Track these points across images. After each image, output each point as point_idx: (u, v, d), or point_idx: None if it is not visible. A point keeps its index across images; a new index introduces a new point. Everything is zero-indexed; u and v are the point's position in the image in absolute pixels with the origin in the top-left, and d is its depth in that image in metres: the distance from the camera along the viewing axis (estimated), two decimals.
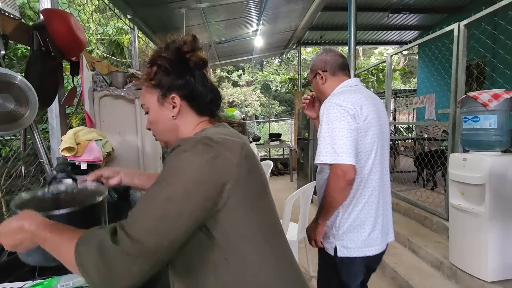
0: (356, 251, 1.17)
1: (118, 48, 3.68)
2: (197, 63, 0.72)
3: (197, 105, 0.74)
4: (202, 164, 0.59)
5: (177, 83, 0.71)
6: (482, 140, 1.95)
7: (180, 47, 0.71)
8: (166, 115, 0.73)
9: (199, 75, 0.73)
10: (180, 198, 0.57)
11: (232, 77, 18.13)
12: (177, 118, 0.73)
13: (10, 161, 1.57)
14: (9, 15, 1.26)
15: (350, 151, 1.12)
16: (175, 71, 0.71)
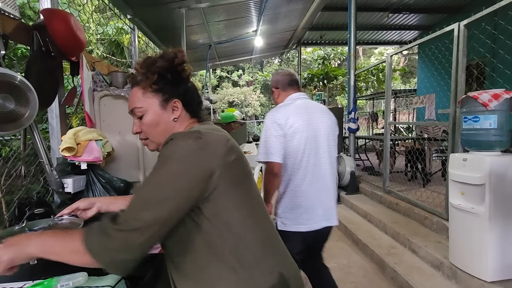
0: (290, 227, 1.52)
1: (118, 48, 3.68)
2: (188, 74, 0.84)
3: (191, 109, 0.85)
4: (192, 151, 0.68)
5: (178, 90, 0.82)
6: (482, 140, 1.95)
7: (174, 59, 0.80)
8: (167, 117, 0.82)
9: (191, 84, 0.86)
10: (171, 179, 0.66)
11: (232, 77, 18.14)
12: (177, 122, 0.83)
13: (10, 161, 1.57)
14: (9, 15, 1.26)
15: (277, 151, 1.51)
16: (175, 79, 0.81)
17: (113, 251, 0.62)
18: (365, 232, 3.23)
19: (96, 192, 1.49)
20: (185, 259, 0.72)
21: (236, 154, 0.75)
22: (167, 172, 0.66)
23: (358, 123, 4.94)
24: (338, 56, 12.23)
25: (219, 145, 0.72)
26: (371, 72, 9.93)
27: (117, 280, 0.89)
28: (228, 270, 0.69)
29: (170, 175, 0.66)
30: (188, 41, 4.90)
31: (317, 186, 1.56)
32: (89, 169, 1.49)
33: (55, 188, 1.40)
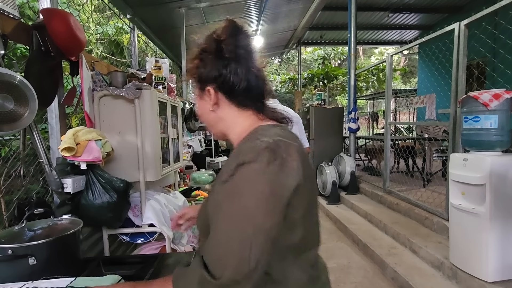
0: None
1: (117, 48, 3.68)
2: (233, 52, 0.66)
3: (234, 98, 0.69)
4: (271, 175, 0.54)
5: (211, 75, 0.68)
6: (482, 140, 1.95)
7: (215, 36, 0.67)
8: (206, 108, 0.71)
9: (234, 65, 0.66)
10: (254, 216, 0.53)
11: None
12: (216, 111, 0.71)
13: (9, 161, 1.56)
14: (8, 14, 1.26)
15: None
16: (209, 63, 0.68)
17: None
18: (365, 232, 3.23)
19: (96, 192, 1.49)
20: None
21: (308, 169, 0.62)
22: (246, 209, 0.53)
23: (358, 123, 4.94)
24: (338, 56, 12.22)
25: (295, 161, 0.58)
26: (372, 72, 9.92)
27: (117, 280, 0.88)
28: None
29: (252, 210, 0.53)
30: (188, 41, 4.89)
31: None
32: (88, 169, 1.49)
33: (54, 188, 1.40)
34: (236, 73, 0.66)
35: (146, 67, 2.20)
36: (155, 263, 1.25)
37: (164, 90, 2.08)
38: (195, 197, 2.66)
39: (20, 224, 1.10)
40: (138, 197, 1.77)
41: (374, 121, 9.72)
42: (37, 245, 0.95)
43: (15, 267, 0.94)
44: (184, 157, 2.83)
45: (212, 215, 0.58)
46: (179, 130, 2.37)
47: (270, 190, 0.53)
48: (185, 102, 3.94)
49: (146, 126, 1.73)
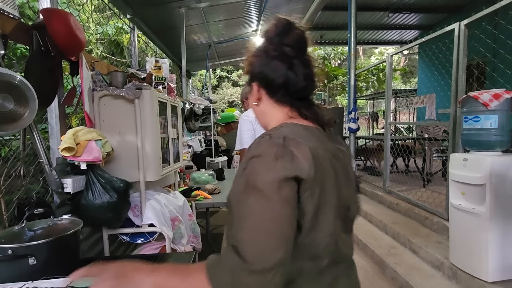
0: None
1: (117, 48, 3.67)
2: (277, 50, 0.69)
3: (273, 94, 0.72)
4: (276, 166, 0.56)
5: (256, 72, 0.73)
6: (482, 140, 1.95)
7: (264, 35, 0.72)
8: (251, 102, 0.77)
9: (276, 62, 0.68)
10: (261, 207, 0.54)
11: (232, 77, 18.12)
12: (260, 105, 0.75)
13: (9, 161, 1.56)
14: (8, 14, 1.26)
15: (249, 141, 1.98)
16: (256, 60, 0.73)
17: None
18: (365, 232, 3.22)
19: (96, 192, 1.49)
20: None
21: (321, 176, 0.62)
22: (261, 197, 0.56)
23: (358, 123, 4.94)
24: (338, 56, 12.23)
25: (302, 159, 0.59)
26: (372, 72, 9.92)
27: None
28: None
29: (267, 198, 0.55)
30: (188, 41, 4.89)
31: None
32: (88, 169, 1.49)
33: (54, 188, 1.40)
34: (275, 70, 0.69)
35: (146, 67, 2.20)
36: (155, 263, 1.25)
37: (164, 90, 2.08)
38: (195, 197, 2.66)
39: (20, 224, 1.10)
40: (138, 197, 1.77)
41: (374, 121, 9.73)
42: (37, 245, 0.95)
43: (15, 267, 0.94)
44: (184, 157, 2.83)
45: (234, 204, 0.59)
46: (179, 130, 2.37)
47: (278, 180, 0.54)
48: (185, 102, 3.94)
49: (146, 126, 1.73)
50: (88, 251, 1.71)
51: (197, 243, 2.20)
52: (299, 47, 0.70)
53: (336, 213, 0.63)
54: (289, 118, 0.71)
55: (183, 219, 2.10)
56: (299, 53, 0.70)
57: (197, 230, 2.27)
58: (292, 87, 0.69)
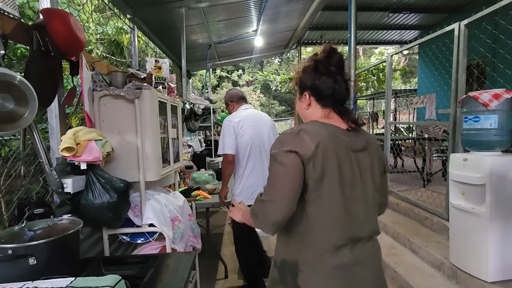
0: (246, 202, 1.71)
1: (117, 48, 3.67)
2: (325, 68, 0.97)
3: (321, 101, 0.99)
4: (291, 145, 0.88)
5: (308, 84, 0.99)
6: (482, 140, 1.95)
7: (315, 57, 1.00)
8: (302, 106, 1.03)
9: (325, 78, 0.97)
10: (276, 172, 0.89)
11: (232, 77, 18.12)
12: (308, 109, 1.02)
13: (9, 161, 1.56)
14: (8, 14, 1.26)
15: (230, 146, 2.20)
16: (308, 75, 0.99)
17: (261, 216, 0.91)
18: None
19: (96, 192, 1.49)
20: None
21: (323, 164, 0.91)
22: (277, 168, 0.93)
23: None
24: None
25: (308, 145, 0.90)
26: (372, 72, 9.91)
27: (117, 280, 0.88)
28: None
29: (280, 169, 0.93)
30: (188, 41, 4.89)
31: (263, 170, 2.22)
32: (88, 169, 1.49)
33: (54, 188, 1.40)
34: (325, 84, 0.96)
35: (146, 67, 2.20)
36: (155, 263, 1.25)
37: (164, 90, 2.08)
38: (195, 197, 2.66)
39: (20, 224, 1.10)
40: (138, 197, 1.77)
41: (374, 121, 9.73)
42: (37, 245, 0.95)
43: (15, 267, 0.94)
44: (184, 157, 2.84)
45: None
46: (179, 130, 2.37)
47: (284, 151, 0.88)
48: (185, 102, 3.94)
49: (146, 126, 1.73)
50: (88, 251, 1.71)
51: (197, 243, 2.20)
52: (340, 66, 0.98)
53: (338, 187, 0.88)
54: (325, 117, 0.97)
55: (183, 219, 2.10)
56: (340, 71, 0.98)
57: (197, 230, 2.27)
58: (337, 95, 0.98)
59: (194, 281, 1.66)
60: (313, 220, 0.89)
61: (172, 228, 1.85)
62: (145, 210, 1.76)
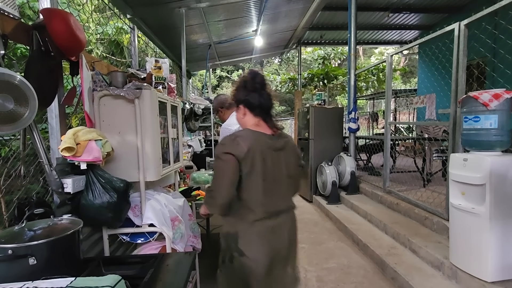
0: None
1: (117, 48, 3.67)
2: (252, 87, 1.31)
3: (252, 110, 1.32)
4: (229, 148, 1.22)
5: (242, 99, 1.32)
6: (482, 140, 1.95)
7: (243, 78, 1.35)
8: (239, 116, 1.36)
9: (253, 94, 1.30)
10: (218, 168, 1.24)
11: (232, 77, 18.12)
12: (244, 118, 1.34)
13: (9, 161, 1.56)
14: (8, 14, 1.26)
15: None
16: (240, 92, 1.33)
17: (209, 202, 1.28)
18: (365, 232, 3.23)
19: (96, 192, 1.49)
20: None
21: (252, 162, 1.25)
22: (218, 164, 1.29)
23: (358, 123, 4.94)
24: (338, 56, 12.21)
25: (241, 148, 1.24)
26: (371, 72, 9.91)
27: (117, 280, 0.88)
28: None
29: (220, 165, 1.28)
30: (188, 41, 4.90)
31: None
32: (88, 169, 1.49)
33: (54, 188, 1.40)
34: (254, 97, 1.30)
35: (146, 67, 2.20)
36: (155, 263, 1.25)
37: (164, 90, 2.08)
38: (195, 197, 2.66)
39: (20, 224, 1.10)
40: (138, 197, 1.77)
41: (374, 121, 9.72)
42: (37, 245, 0.95)
43: (15, 267, 0.94)
44: (184, 157, 2.83)
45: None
46: (179, 130, 2.37)
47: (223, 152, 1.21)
48: (185, 102, 3.94)
49: (146, 126, 1.73)
50: (88, 251, 1.71)
51: (197, 243, 2.20)
52: (263, 84, 1.32)
53: (261, 178, 1.23)
54: (255, 126, 1.32)
55: (183, 219, 2.10)
56: (263, 87, 1.32)
57: (197, 230, 2.27)
58: (263, 105, 1.31)
59: (194, 281, 1.66)
60: (244, 201, 1.24)
61: (172, 228, 1.85)
62: (145, 210, 1.76)
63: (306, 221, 4.09)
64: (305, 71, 10.80)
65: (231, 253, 1.28)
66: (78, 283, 0.86)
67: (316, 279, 2.53)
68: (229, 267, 1.30)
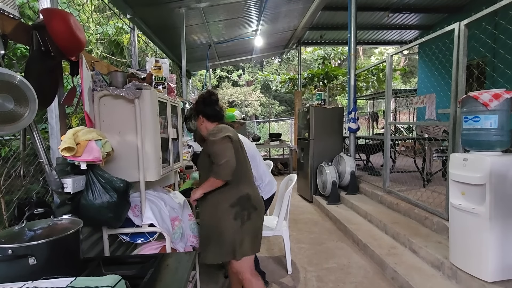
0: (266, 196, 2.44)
1: (117, 48, 3.67)
2: (207, 101, 1.85)
3: (209, 118, 1.84)
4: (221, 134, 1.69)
5: (201, 110, 1.85)
6: (482, 140, 1.95)
7: (201, 96, 1.90)
8: (199, 123, 1.88)
9: (209, 107, 1.84)
10: (222, 147, 1.66)
11: (232, 77, 18.11)
12: (203, 124, 1.86)
13: (9, 161, 1.56)
14: (8, 14, 1.26)
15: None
16: (200, 105, 1.86)
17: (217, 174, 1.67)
18: (365, 232, 3.23)
19: (96, 192, 1.49)
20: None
21: (238, 143, 1.81)
22: (219, 145, 1.68)
23: (358, 123, 4.93)
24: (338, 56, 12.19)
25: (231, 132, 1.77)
26: (371, 72, 9.91)
27: (117, 280, 0.88)
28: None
29: (221, 145, 1.68)
30: (188, 41, 4.90)
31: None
32: (88, 169, 1.49)
33: (54, 188, 1.40)
34: (210, 109, 1.84)
35: (146, 67, 2.20)
36: (155, 263, 1.25)
37: (164, 90, 2.08)
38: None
39: (20, 224, 1.10)
40: (138, 197, 1.78)
41: (374, 121, 9.72)
42: (37, 245, 0.95)
43: (15, 267, 0.94)
44: (184, 157, 2.83)
45: (211, 154, 1.68)
46: (179, 130, 2.37)
47: (223, 136, 1.68)
48: (185, 102, 3.94)
49: (146, 126, 1.73)
50: (88, 251, 1.71)
51: (197, 243, 2.20)
52: (216, 99, 1.86)
53: (245, 153, 1.86)
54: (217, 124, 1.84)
55: (183, 219, 2.10)
56: (217, 102, 1.85)
57: (197, 230, 2.27)
58: (218, 115, 1.86)
59: (194, 281, 1.66)
60: (241, 171, 1.74)
61: (172, 228, 1.85)
62: (145, 210, 1.76)
63: (306, 221, 4.09)
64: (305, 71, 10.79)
65: (248, 212, 1.71)
66: (78, 283, 0.86)
67: (316, 279, 2.53)
68: (248, 223, 1.71)
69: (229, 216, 1.68)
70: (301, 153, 5.42)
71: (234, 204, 1.69)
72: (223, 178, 1.63)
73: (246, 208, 1.71)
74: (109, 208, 1.51)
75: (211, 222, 1.73)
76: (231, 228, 1.68)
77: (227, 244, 1.67)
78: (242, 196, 1.72)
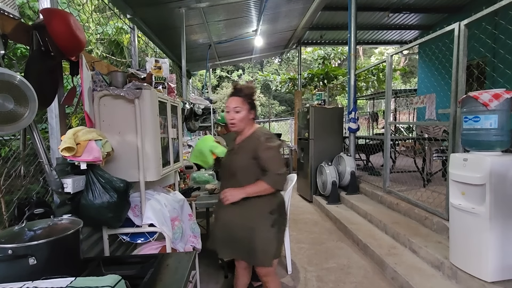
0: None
1: (117, 48, 3.67)
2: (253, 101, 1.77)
3: (254, 115, 1.76)
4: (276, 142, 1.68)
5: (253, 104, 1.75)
6: (482, 140, 1.95)
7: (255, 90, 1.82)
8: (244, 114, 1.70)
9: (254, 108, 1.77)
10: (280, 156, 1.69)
11: (232, 77, 18.12)
12: (246, 117, 1.70)
13: (9, 161, 1.56)
14: (8, 14, 1.26)
15: None
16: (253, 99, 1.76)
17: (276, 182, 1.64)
18: (365, 232, 3.23)
19: (96, 192, 1.49)
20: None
21: None
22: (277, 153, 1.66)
23: (358, 123, 4.94)
24: (338, 56, 12.19)
25: None
26: (371, 72, 9.91)
27: (117, 280, 0.88)
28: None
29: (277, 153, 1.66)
30: (188, 40, 4.89)
31: None
32: (88, 169, 1.49)
33: (54, 188, 1.40)
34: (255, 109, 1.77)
35: (146, 67, 2.20)
36: (155, 263, 1.25)
37: (164, 90, 2.08)
38: (195, 197, 2.66)
39: (20, 224, 1.10)
40: (138, 197, 1.77)
41: (374, 121, 9.72)
42: (37, 245, 0.95)
43: (15, 267, 0.94)
44: (184, 157, 2.83)
45: (267, 159, 1.61)
46: (179, 130, 2.37)
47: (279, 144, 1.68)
48: (185, 102, 3.94)
49: (146, 126, 1.73)
50: (88, 251, 1.71)
51: (197, 243, 2.20)
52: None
53: None
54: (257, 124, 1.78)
55: (183, 219, 2.10)
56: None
57: (197, 230, 2.27)
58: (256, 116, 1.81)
59: (194, 281, 1.66)
60: None
61: (172, 228, 1.85)
62: (145, 210, 1.76)
63: (306, 221, 4.09)
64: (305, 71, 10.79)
65: (283, 218, 1.76)
66: (78, 283, 0.86)
67: (316, 279, 2.53)
68: (282, 229, 1.75)
69: (267, 222, 1.65)
70: (301, 153, 5.42)
71: (273, 211, 1.67)
72: (279, 188, 1.63)
73: (282, 215, 1.73)
74: (109, 208, 1.51)
75: (244, 225, 1.64)
76: (267, 235, 1.64)
77: (261, 251, 1.62)
78: (281, 202, 1.74)
